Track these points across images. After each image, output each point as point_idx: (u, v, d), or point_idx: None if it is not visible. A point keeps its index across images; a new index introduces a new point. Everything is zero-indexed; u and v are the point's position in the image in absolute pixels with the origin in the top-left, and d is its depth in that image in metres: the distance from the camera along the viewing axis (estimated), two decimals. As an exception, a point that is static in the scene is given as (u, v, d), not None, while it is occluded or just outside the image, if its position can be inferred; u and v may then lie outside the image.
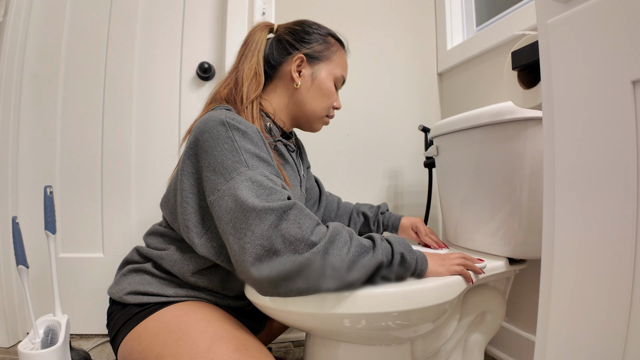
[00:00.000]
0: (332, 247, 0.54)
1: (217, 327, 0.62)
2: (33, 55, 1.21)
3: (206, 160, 0.61)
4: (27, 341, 0.82)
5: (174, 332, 0.60)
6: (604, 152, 0.36)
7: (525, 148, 0.77)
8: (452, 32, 1.39)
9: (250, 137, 0.62)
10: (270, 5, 1.28)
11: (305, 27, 0.80)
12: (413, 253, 0.64)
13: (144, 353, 0.60)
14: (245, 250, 0.53)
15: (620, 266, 0.35)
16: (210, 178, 0.59)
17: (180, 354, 0.57)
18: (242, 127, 0.62)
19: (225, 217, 0.56)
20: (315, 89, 0.79)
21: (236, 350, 0.58)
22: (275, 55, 0.79)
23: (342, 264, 0.55)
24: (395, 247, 0.62)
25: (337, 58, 0.82)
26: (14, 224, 0.83)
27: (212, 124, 0.62)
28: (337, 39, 0.84)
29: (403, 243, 0.64)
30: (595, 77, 0.37)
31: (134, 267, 0.69)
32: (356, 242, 0.58)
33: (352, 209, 1.01)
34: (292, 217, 0.54)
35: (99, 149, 1.23)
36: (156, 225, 0.76)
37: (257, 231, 0.53)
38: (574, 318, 0.40)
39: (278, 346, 1.19)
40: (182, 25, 1.29)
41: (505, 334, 1.06)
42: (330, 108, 0.82)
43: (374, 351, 0.69)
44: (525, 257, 0.84)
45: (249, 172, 0.58)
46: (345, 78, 0.84)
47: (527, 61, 0.61)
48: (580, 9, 0.38)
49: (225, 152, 0.60)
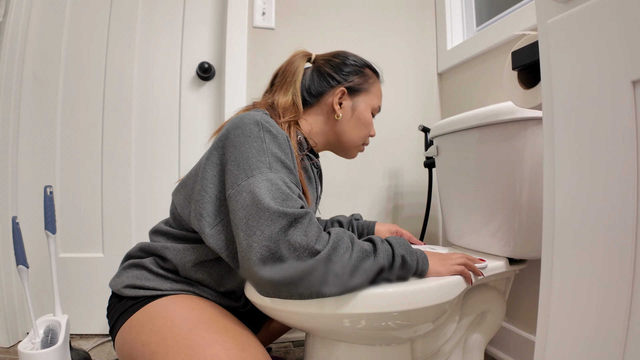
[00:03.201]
0: (334, 253, 0.56)
1: (201, 313, 0.63)
2: (33, 55, 1.21)
3: (233, 154, 0.62)
4: (27, 341, 0.82)
5: (159, 320, 0.62)
6: (604, 151, 0.36)
7: (525, 148, 0.77)
8: (452, 32, 1.39)
9: (279, 141, 0.64)
10: (271, 6, 1.28)
11: (344, 60, 0.83)
12: (414, 254, 0.64)
13: (133, 342, 0.62)
14: (252, 249, 0.54)
15: (620, 266, 0.35)
16: (233, 172, 0.61)
17: (163, 339, 0.58)
18: (274, 131, 0.64)
19: (241, 212, 0.57)
20: (355, 120, 0.82)
21: (216, 332, 0.59)
22: (317, 85, 0.82)
23: (344, 270, 0.56)
24: (396, 250, 0.62)
25: (374, 89, 0.85)
26: (14, 224, 0.83)
27: (247, 121, 0.64)
28: (373, 70, 0.87)
29: (403, 244, 0.64)
30: (595, 77, 0.37)
31: (134, 262, 0.71)
32: (358, 247, 0.59)
33: (326, 221, 1.01)
34: (301, 225, 0.56)
35: (99, 148, 1.23)
36: (161, 223, 0.76)
37: (266, 232, 0.54)
38: (574, 318, 0.40)
39: (278, 346, 1.19)
40: (182, 25, 1.29)
41: (505, 334, 1.06)
42: (367, 137, 0.86)
43: (373, 351, 0.69)
44: (525, 257, 0.84)
45: (270, 173, 0.59)
46: (380, 107, 0.88)
47: (527, 61, 0.61)
48: (580, 9, 0.38)
49: (253, 150, 0.61)
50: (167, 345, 0.58)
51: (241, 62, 1.24)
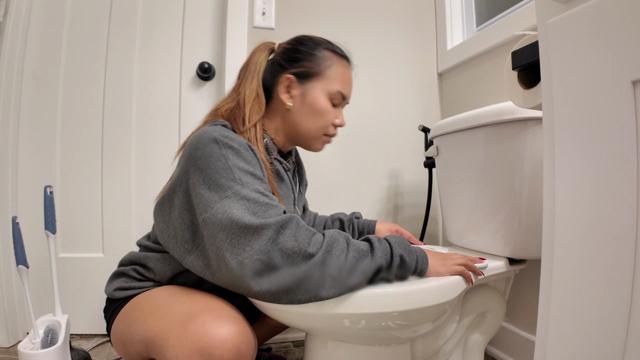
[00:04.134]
0: (329, 256, 0.56)
1: (177, 289, 0.69)
2: (33, 55, 1.21)
3: (199, 178, 0.61)
4: (27, 341, 0.82)
5: (140, 303, 0.67)
6: (604, 152, 0.36)
7: (525, 148, 0.77)
8: (452, 32, 1.39)
9: (243, 155, 0.63)
10: (270, 5, 1.28)
11: (297, 45, 0.78)
12: (413, 253, 0.64)
13: (122, 330, 0.67)
14: (244, 266, 0.55)
15: (621, 266, 0.35)
16: (204, 195, 0.59)
17: (143, 312, 0.64)
18: (235, 145, 0.63)
19: (221, 235, 0.57)
20: (307, 109, 0.76)
21: (189, 295, 0.65)
22: (268, 77, 0.78)
23: (340, 272, 0.56)
24: (395, 249, 0.62)
25: (332, 72, 0.76)
26: (14, 224, 0.83)
27: (205, 141, 0.62)
28: (333, 51, 0.78)
29: (402, 243, 0.64)
30: (595, 77, 0.37)
31: (122, 269, 0.75)
32: (353, 248, 0.58)
33: (327, 218, 1.00)
34: (289, 230, 0.56)
35: (99, 148, 1.23)
36: (144, 238, 0.79)
37: (255, 246, 0.54)
38: (574, 318, 0.40)
39: (278, 346, 1.19)
40: (182, 25, 1.29)
41: (505, 334, 1.06)
42: (327, 127, 0.78)
43: (373, 351, 0.69)
44: (525, 257, 0.84)
45: (243, 190, 0.59)
46: (344, 93, 0.78)
47: (527, 61, 0.61)
48: (580, 9, 0.38)
49: (219, 169, 0.60)
50: (145, 313, 0.63)
51: (241, 62, 1.23)
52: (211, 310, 0.58)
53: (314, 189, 1.27)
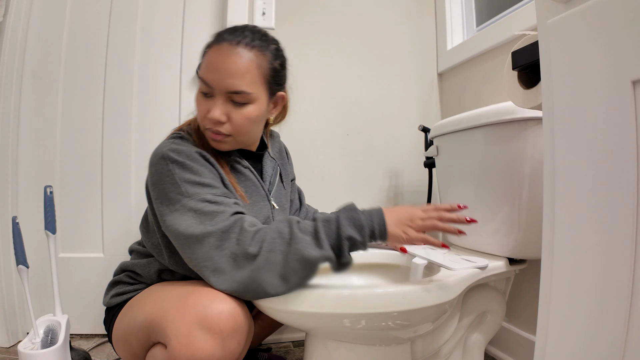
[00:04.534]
0: (272, 255, 0.58)
1: (172, 282, 0.72)
2: (33, 55, 1.21)
3: (154, 193, 0.67)
4: (27, 341, 0.82)
5: (137, 300, 0.71)
6: (604, 152, 0.36)
7: (525, 148, 0.77)
8: (452, 32, 1.39)
9: (188, 167, 0.65)
10: (270, 5, 1.28)
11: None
12: (364, 229, 0.61)
13: (123, 325, 0.70)
14: (200, 270, 0.61)
15: (621, 266, 0.35)
16: (159, 209, 0.66)
17: (139, 303, 0.68)
18: (181, 158, 0.66)
19: (176, 244, 0.64)
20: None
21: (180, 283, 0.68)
22: None
23: (285, 270, 0.58)
24: (343, 230, 0.60)
25: (204, 62, 0.71)
26: (14, 223, 0.83)
27: (155, 159, 0.67)
28: (212, 39, 0.73)
29: (352, 218, 0.61)
30: (595, 77, 0.37)
31: (114, 279, 0.80)
32: (297, 240, 0.59)
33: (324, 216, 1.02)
34: (232, 234, 0.59)
35: (99, 148, 1.23)
36: (134, 244, 0.85)
37: (200, 254, 0.60)
38: (574, 318, 0.40)
39: (278, 346, 1.19)
40: (182, 24, 1.29)
41: (505, 334, 1.06)
42: (202, 121, 0.71)
43: (373, 351, 0.69)
44: (525, 257, 0.84)
45: (189, 202, 0.62)
46: (204, 78, 0.68)
47: (527, 61, 0.61)
48: (580, 9, 0.38)
49: (167, 184, 0.64)
50: (144, 303, 0.68)
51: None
52: (207, 288, 0.61)
53: (314, 188, 1.27)
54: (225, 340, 0.58)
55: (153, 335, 0.62)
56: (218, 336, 0.57)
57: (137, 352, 0.68)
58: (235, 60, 0.66)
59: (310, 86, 1.32)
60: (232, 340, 0.58)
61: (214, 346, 0.57)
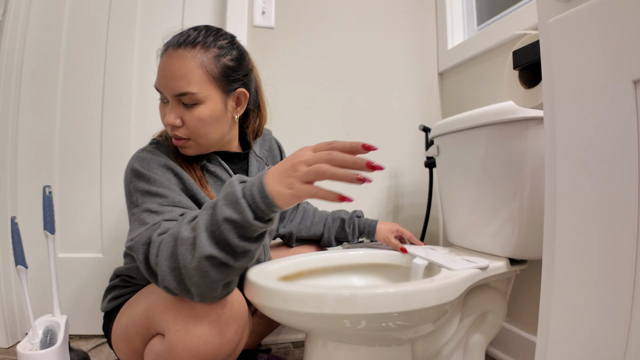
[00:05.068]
0: (165, 264, 0.55)
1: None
2: (32, 54, 1.21)
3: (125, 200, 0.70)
4: (26, 341, 0.82)
5: (134, 299, 0.71)
6: (605, 151, 0.36)
7: (526, 148, 0.77)
8: (453, 31, 1.39)
9: (144, 176, 0.66)
10: (270, 5, 1.28)
11: None
12: (239, 204, 0.50)
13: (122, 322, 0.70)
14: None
15: (622, 266, 0.35)
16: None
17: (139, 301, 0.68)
18: (141, 167, 0.67)
19: None
20: None
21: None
22: None
23: (185, 280, 0.55)
24: (218, 213, 0.50)
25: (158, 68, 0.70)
26: (12, 224, 0.83)
27: (126, 171, 0.70)
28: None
29: (227, 195, 0.51)
30: (596, 77, 0.37)
31: (110, 285, 0.80)
32: (177, 252, 0.53)
33: (328, 216, 1.00)
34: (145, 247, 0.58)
35: (98, 148, 1.23)
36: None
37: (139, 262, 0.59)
38: (575, 319, 0.39)
39: (278, 347, 1.19)
40: (181, 24, 1.29)
41: (506, 334, 1.06)
42: (165, 128, 0.71)
43: (374, 352, 0.69)
44: (526, 258, 0.84)
45: (136, 210, 0.64)
46: (157, 86, 0.69)
47: (528, 61, 0.60)
48: (581, 8, 0.38)
49: (126, 193, 0.68)
50: (141, 299, 0.68)
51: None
52: None
53: (314, 189, 1.27)
54: (222, 328, 0.58)
55: (152, 327, 0.62)
56: (215, 324, 0.57)
57: (137, 347, 0.67)
58: (177, 63, 0.66)
59: (310, 86, 1.32)
60: (229, 328, 0.59)
61: (211, 333, 0.57)
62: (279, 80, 1.29)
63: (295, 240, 1.00)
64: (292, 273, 0.82)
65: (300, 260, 0.85)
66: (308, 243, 1.03)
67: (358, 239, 0.99)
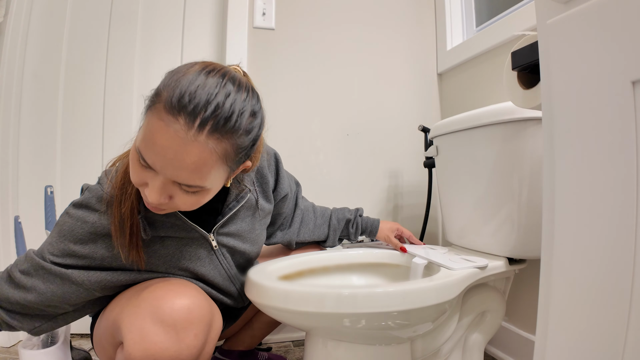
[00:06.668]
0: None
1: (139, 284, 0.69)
2: (34, 55, 1.21)
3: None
4: (27, 340, 0.82)
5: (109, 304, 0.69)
6: (604, 152, 0.36)
7: (525, 148, 0.77)
8: (452, 32, 1.39)
9: (59, 225, 0.63)
10: (271, 6, 1.28)
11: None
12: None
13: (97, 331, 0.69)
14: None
15: (620, 266, 0.35)
16: None
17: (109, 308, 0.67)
18: (63, 214, 0.64)
19: None
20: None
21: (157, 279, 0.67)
22: None
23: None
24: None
25: (145, 129, 0.54)
26: (16, 223, 0.83)
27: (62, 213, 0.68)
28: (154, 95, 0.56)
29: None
30: (595, 78, 0.37)
31: None
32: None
33: (331, 216, 0.97)
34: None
35: (99, 148, 1.23)
36: None
37: None
38: (573, 318, 0.40)
39: (278, 346, 1.19)
40: (182, 25, 1.29)
41: (505, 333, 1.06)
42: (139, 189, 0.57)
43: (373, 351, 0.69)
44: (524, 257, 0.84)
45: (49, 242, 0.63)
46: (147, 160, 0.51)
47: (527, 61, 0.61)
48: (580, 9, 0.38)
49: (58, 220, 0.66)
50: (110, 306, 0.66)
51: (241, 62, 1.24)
52: (162, 283, 0.61)
53: (314, 189, 1.27)
54: (179, 333, 0.56)
55: (116, 335, 0.61)
56: (171, 329, 0.55)
57: (111, 355, 0.66)
58: (189, 152, 0.49)
59: (310, 86, 1.33)
60: (187, 332, 0.56)
61: (167, 339, 0.55)
62: (279, 81, 1.29)
63: (295, 244, 0.97)
64: (293, 272, 0.82)
65: (300, 260, 0.85)
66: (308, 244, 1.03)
67: (358, 238, 1.00)
